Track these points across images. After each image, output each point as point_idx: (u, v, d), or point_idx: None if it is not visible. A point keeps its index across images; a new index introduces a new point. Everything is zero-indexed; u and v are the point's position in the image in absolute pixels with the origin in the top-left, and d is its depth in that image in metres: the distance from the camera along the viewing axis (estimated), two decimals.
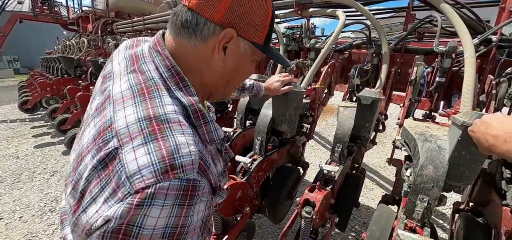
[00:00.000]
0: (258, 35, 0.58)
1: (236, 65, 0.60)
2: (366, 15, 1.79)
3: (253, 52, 0.60)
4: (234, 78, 0.63)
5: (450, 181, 1.03)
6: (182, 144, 0.46)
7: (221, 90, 0.66)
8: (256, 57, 0.64)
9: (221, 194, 0.61)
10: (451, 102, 1.61)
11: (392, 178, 3.64)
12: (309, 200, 1.34)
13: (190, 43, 0.54)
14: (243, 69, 0.63)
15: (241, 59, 0.59)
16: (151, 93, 0.51)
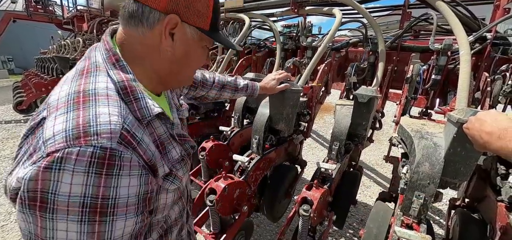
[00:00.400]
0: (202, 21, 0.61)
1: (186, 51, 0.63)
2: (363, 13, 1.79)
3: (200, 38, 0.63)
4: (186, 64, 0.66)
5: (446, 178, 1.04)
6: (103, 114, 0.48)
7: (176, 77, 0.68)
8: (206, 44, 0.67)
9: (173, 180, 0.63)
10: (447, 99, 1.62)
11: (389, 176, 3.67)
12: (307, 198, 1.34)
13: (138, 31, 0.57)
14: (194, 55, 0.66)
15: (190, 45, 0.63)
16: (89, 73, 0.55)
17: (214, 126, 2.47)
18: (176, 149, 0.66)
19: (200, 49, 0.66)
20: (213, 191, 1.43)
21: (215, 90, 1.19)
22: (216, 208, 1.43)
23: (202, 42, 0.65)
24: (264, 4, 2.40)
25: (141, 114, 0.55)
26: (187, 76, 0.72)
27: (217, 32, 0.67)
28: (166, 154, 0.62)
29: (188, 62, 0.66)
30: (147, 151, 0.54)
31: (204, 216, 1.69)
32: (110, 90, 0.53)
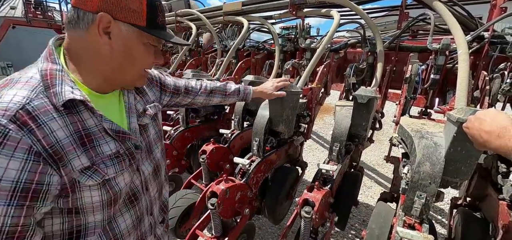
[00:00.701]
0: (136, 18, 0.63)
1: (124, 48, 0.65)
2: (361, 14, 1.80)
3: (139, 34, 0.65)
4: (129, 62, 0.68)
5: (447, 177, 1.04)
6: (8, 94, 0.52)
7: (122, 76, 0.70)
8: (149, 41, 0.68)
9: (92, 175, 0.61)
10: (446, 98, 1.63)
11: (390, 176, 3.67)
12: (308, 200, 1.34)
13: (77, 34, 0.62)
14: (136, 52, 0.67)
15: (128, 42, 0.65)
16: (27, 68, 0.62)
17: (214, 129, 2.47)
18: (110, 145, 0.66)
19: (141, 46, 0.67)
20: (215, 194, 1.43)
21: (202, 96, 1.18)
22: (218, 211, 1.43)
23: (142, 39, 0.67)
24: (262, 6, 2.41)
25: (56, 100, 0.56)
26: (135, 74, 0.72)
27: (159, 29, 0.68)
28: (93, 148, 0.62)
29: (131, 60, 0.68)
30: (48, 136, 0.53)
31: (205, 219, 1.69)
32: (33, 79, 0.57)
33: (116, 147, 0.67)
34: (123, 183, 0.70)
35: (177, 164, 2.35)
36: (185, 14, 3.33)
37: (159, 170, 0.89)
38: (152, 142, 0.85)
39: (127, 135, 0.71)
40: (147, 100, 0.88)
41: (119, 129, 0.68)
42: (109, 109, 0.72)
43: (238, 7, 2.55)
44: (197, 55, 3.39)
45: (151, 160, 0.84)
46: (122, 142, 0.69)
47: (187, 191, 2.03)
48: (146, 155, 0.81)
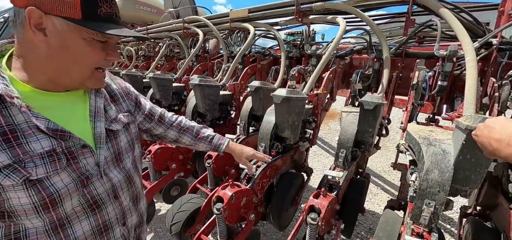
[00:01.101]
0: (70, 10, 0.58)
1: (62, 44, 0.61)
2: (366, 21, 1.81)
3: (76, 29, 0.61)
4: (69, 59, 0.64)
5: (456, 185, 1.02)
6: None
7: (67, 74, 0.66)
8: (89, 35, 0.63)
9: (10, 174, 0.57)
10: (454, 105, 1.61)
11: (397, 183, 3.61)
12: (314, 207, 1.33)
13: (17, 33, 0.61)
14: (75, 48, 0.63)
15: (66, 38, 0.61)
16: None
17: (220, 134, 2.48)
18: (41, 142, 0.61)
19: (81, 42, 0.63)
20: (221, 199, 1.44)
21: (174, 131, 1.12)
22: (223, 216, 1.43)
23: (81, 34, 0.62)
24: (268, 13, 2.44)
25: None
26: (83, 73, 0.68)
27: (101, 21, 0.63)
28: (20, 145, 0.58)
29: (72, 58, 0.64)
30: None
31: (210, 224, 1.69)
32: None
33: (51, 145, 0.62)
34: (62, 184, 0.64)
35: (183, 168, 2.37)
36: (192, 21, 3.39)
37: (131, 180, 0.85)
38: (122, 151, 0.81)
39: (67, 134, 0.65)
40: (121, 109, 0.85)
41: (57, 128, 0.63)
42: (61, 108, 0.69)
43: (245, 14, 2.59)
44: (203, 60, 3.44)
45: (121, 168, 0.80)
46: (61, 140, 0.64)
47: (192, 195, 2.04)
48: (114, 163, 0.78)
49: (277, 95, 1.51)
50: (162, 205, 2.77)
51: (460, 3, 1.71)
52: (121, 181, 0.79)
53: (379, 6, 1.87)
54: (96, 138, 0.73)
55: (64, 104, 0.70)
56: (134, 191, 0.86)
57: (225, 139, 1.24)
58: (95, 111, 0.75)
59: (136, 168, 0.89)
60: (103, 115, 0.76)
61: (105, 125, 0.76)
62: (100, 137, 0.74)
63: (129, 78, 3.06)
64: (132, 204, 0.86)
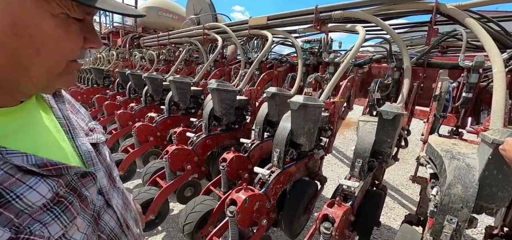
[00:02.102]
0: None
1: (13, 23, 0.36)
2: (387, 30, 1.78)
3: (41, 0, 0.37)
4: (29, 48, 0.39)
5: (481, 202, 0.97)
6: None
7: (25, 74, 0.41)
8: (60, 9, 0.39)
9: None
10: (480, 118, 1.54)
11: (415, 198, 3.45)
12: (328, 216, 1.31)
13: None
14: (40, 30, 0.39)
15: (22, 14, 0.37)
16: None
17: (234, 138, 2.52)
18: (38, 189, 0.41)
19: (50, 20, 0.39)
20: (234, 202, 1.46)
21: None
22: (236, 220, 1.45)
23: (50, 7, 0.38)
24: (287, 21, 2.48)
25: None
26: (49, 70, 0.43)
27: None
28: (8, 204, 0.37)
29: (33, 45, 0.39)
30: None
31: (223, 227, 1.71)
32: None
33: (50, 187, 0.42)
34: (80, 234, 0.48)
35: (197, 170, 2.42)
36: (212, 27, 3.50)
37: (128, 201, 0.69)
38: (111, 167, 0.65)
39: (61, 166, 0.45)
40: (83, 118, 0.65)
41: (42, 161, 0.42)
42: (24, 131, 0.46)
43: (264, 21, 2.65)
44: (221, 66, 3.53)
45: (117, 190, 0.65)
46: (58, 177, 0.44)
47: (205, 197, 2.08)
48: (110, 184, 0.61)
49: (294, 101, 1.52)
50: (174, 205, 2.83)
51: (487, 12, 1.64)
52: (122, 206, 0.64)
53: (400, 15, 1.84)
54: (86, 160, 0.55)
55: (23, 123, 0.46)
56: (134, 214, 0.71)
57: None
58: (69, 124, 0.55)
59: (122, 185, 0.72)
60: (79, 127, 0.58)
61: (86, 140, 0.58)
62: (90, 156, 0.56)
63: (150, 80, 3.21)
64: (139, 230, 0.72)
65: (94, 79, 5.51)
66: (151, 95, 3.37)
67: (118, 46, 6.85)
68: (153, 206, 2.10)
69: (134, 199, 2.08)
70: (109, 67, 5.79)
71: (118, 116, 3.26)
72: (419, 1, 1.65)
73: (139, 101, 3.70)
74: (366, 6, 1.91)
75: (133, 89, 3.97)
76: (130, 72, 3.86)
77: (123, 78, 4.30)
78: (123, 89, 4.37)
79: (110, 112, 3.86)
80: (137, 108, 3.38)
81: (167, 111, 2.88)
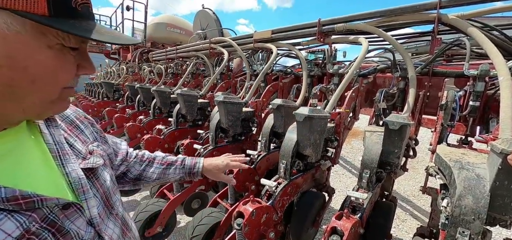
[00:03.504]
0: (28, 1, 0.35)
1: (8, 56, 0.37)
2: (389, 40, 1.80)
3: (37, 31, 0.38)
4: (23, 79, 0.39)
5: (493, 214, 0.95)
6: None
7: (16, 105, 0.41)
8: (58, 40, 0.40)
9: None
10: (489, 127, 1.51)
11: (427, 209, 3.35)
12: (336, 228, 1.30)
13: None
14: (36, 62, 0.39)
15: (19, 47, 0.37)
16: None
17: (241, 150, 2.54)
18: (4, 226, 0.37)
19: (46, 52, 0.40)
20: (241, 215, 1.46)
21: (137, 166, 0.89)
22: (243, 232, 1.45)
23: (46, 39, 0.39)
24: (291, 34, 2.53)
25: None
26: (42, 98, 0.43)
27: (77, 18, 0.41)
28: None
29: (28, 77, 0.39)
30: None
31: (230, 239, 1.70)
32: None
33: (19, 224, 0.39)
34: None
35: (204, 181, 2.44)
36: (218, 41, 3.60)
37: (128, 228, 0.65)
38: (109, 193, 0.60)
39: (35, 198, 0.41)
40: (85, 139, 0.62)
41: (14, 194, 0.39)
42: (9, 160, 0.44)
43: (268, 35, 2.71)
44: (227, 78, 3.60)
45: (115, 217, 0.60)
46: (31, 212, 0.41)
47: (212, 209, 2.08)
48: (106, 212, 0.57)
49: (300, 113, 1.54)
50: (181, 218, 2.84)
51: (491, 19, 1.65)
52: (119, 236, 0.60)
53: (402, 26, 1.86)
54: (76, 188, 0.51)
55: (7, 149, 0.44)
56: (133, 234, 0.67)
57: (200, 159, 1.02)
58: (59, 150, 0.52)
59: (124, 209, 0.68)
60: (70, 152, 0.54)
61: (80, 165, 0.55)
62: (80, 183, 0.52)
63: (158, 93, 3.29)
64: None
65: (105, 93, 5.69)
66: (159, 108, 3.45)
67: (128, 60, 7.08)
68: (160, 218, 2.11)
69: (142, 211, 2.11)
70: (119, 81, 5.98)
71: (127, 128, 3.34)
72: (421, 13, 1.67)
73: (147, 113, 3.79)
74: (368, 18, 1.94)
75: (142, 102, 4.07)
76: (139, 85, 3.97)
77: (132, 92, 4.43)
78: (132, 102, 4.49)
79: (120, 125, 3.96)
80: (146, 120, 3.46)
81: (174, 123, 2.93)
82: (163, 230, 2.19)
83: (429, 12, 1.66)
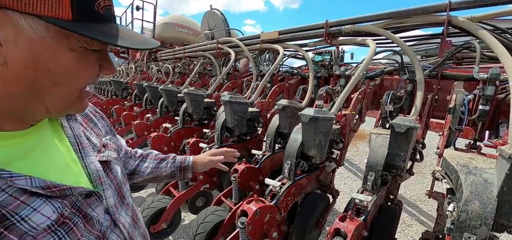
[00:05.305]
0: (50, 5, 0.36)
1: (33, 59, 0.38)
2: (397, 42, 1.78)
3: (60, 35, 0.39)
4: (46, 80, 0.41)
5: (501, 220, 0.94)
6: None
7: (38, 105, 0.43)
8: (80, 44, 0.42)
9: None
10: (499, 131, 1.48)
11: (433, 214, 3.29)
12: (340, 230, 1.30)
13: None
14: (59, 64, 0.41)
15: (43, 50, 0.39)
16: None
17: (246, 149, 2.56)
18: (43, 211, 0.41)
19: (68, 54, 0.41)
20: (245, 213, 1.47)
21: (132, 161, 0.94)
22: (247, 231, 1.46)
23: (69, 42, 0.41)
24: (298, 35, 2.53)
25: None
26: (64, 98, 0.45)
27: (99, 21, 0.42)
28: (12, 227, 0.38)
29: (50, 78, 0.41)
30: None
31: (233, 238, 1.72)
32: None
33: (55, 209, 0.43)
34: None
35: (209, 180, 2.46)
36: (226, 42, 3.63)
37: (137, 217, 0.69)
38: (121, 184, 0.64)
39: (64, 188, 0.46)
40: (99, 132, 0.66)
41: (46, 184, 0.43)
42: (33, 154, 0.47)
43: (275, 36, 2.72)
44: (233, 78, 3.62)
45: (127, 207, 0.64)
46: (62, 198, 0.45)
47: (217, 207, 2.10)
48: (119, 202, 0.61)
49: (305, 114, 1.54)
50: (185, 215, 2.87)
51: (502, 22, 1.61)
52: (130, 224, 0.63)
53: (411, 28, 1.84)
54: (94, 179, 0.56)
55: (34, 145, 0.47)
56: (142, 230, 0.70)
57: (190, 156, 1.06)
58: (78, 143, 0.56)
59: (133, 199, 0.71)
60: (89, 146, 0.58)
61: (96, 157, 0.59)
62: (98, 175, 0.56)
63: (166, 92, 3.35)
64: None
65: (113, 91, 5.80)
66: (166, 106, 3.50)
67: (136, 59, 7.20)
68: (165, 215, 2.15)
69: (147, 207, 2.15)
70: (128, 79, 6.08)
71: (134, 126, 3.40)
72: (430, 15, 1.65)
73: (154, 112, 3.85)
74: (376, 20, 1.93)
75: (150, 101, 4.13)
76: (147, 84, 4.04)
77: (140, 90, 4.51)
78: (140, 101, 4.56)
79: (128, 122, 4.03)
80: (153, 118, 3.51)
81: (181, 122, 2.97)
82: (167, 227, 2.22)
83: (438, 14, 1.63)
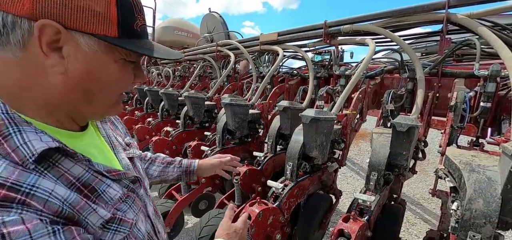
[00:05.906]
0: (102, 25, 0.44)
1: (87, 70, 0.46)
2: (397, 41, 1.78)
3: (108, 49, 0.47)
4: (96, 88, 0.49)
5: (506, 218, 0.93)
6: None
7: (89, 108, 0.52)
8: (122, 56, 0.50)
9: (119, 227, 0.50)
10: (501, 128, 1.47)
11: (437, 212, 3.27)
12: (343, 231, 1.29)
13: (10, 53, 0.42)
14: (105, 74, 0.49)
15: (93, 62, 0.46)
16: None
17: (247, 151, 2.55)
18: (114, 187, 0.52)
19: (113, 66, 0.49)
20: (248, 216, 1.47)
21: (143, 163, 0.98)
22: (250, 234, 1.46)
23: (114, 56, 0.48)
24: (297, 36, 2.54)
25: (19, 156, 0.40)
26: (108, 103, 0.54)
27: (137, 37, 0.50)
28: (100, 196, 0.49)
29: (98, 85, 0.49)
30: (50, 200, 0.39)
31: None
32: None
33: (121, 188, 0.55)
34: (143, 228, 0.59)
35: (211, 183, 2.46)
36: (225, 44, 3.64)
37: (156, 209, 0.76)
38: (144, 177, 0.72)
39: (119, 172, 0.56)
40: (120, 133, 0.75)
41: (108, 168, 0.53)
42: (90, 147, 0.56)
43: (274, 37, 2.72)
44: (234, 80, 3.63)
45: (149, 198, 0.72)
46: (119, 182, 0.56)
47: (220, 210, 2.10)
48: (145, 193, 0.68)
49: (306, 115, 1.54)
50: (189, 218, 2.87)
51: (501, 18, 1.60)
52: (153, 213, 0.71)
53: (410, 26, 1.84)
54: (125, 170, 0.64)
55: (88, 141, 0.58)
56: (161, 220, 0.78)
57: (196, 160, 1.15)
58: (110, 141, 0.65)
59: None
60: (118, 144, 0.67)
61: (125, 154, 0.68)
62: (129, 169, 0.65)
63: (166, 96, 3.35)
64: (167, 236, 0.79)
65: None
66: (167, 110, 3.51)
67: None
68: (168, 218, 2.15)
69: None
70: None
71: (136, 130, 3.41)
72: (429, 13, 1.65)
73: (156, 116, 3.85)
74: (374, 19, 1.93)
75: (150, 105, 4.14)
76: (148, 88, 4.05)
77: (141, 94, 4.52)
78: (141, 105, 4.57)
79: (129, 127, 4.04)
80: (154, 122, 3.52)
81: (182, 125, 2.98)
82: (171, 230, 2.22)
83: (437, 12, 1.63)
